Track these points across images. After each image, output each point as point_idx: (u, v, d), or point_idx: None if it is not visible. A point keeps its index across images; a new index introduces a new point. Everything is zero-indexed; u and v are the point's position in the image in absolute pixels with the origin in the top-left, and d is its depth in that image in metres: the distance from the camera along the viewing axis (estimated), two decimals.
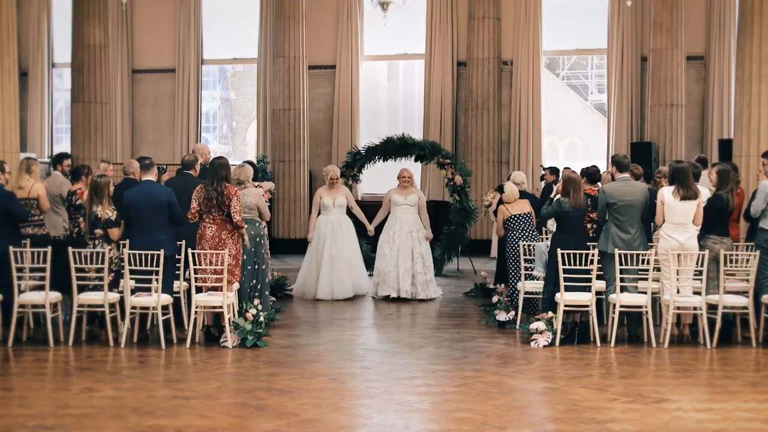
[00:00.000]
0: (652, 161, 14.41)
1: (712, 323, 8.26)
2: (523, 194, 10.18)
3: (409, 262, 11.17)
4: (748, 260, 8.31)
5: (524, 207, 9.81)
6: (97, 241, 8.39)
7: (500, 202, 10.81)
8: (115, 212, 8.39)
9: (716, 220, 8.62)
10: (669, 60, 15.25)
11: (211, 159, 9.21)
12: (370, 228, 11.70)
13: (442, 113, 17.30)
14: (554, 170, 12.90)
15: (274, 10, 17.15)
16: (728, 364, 7.57)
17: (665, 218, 8.43)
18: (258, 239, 9.32)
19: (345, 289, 11.22)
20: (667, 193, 8.43)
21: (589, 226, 9.13)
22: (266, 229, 10.97)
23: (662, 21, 15.24)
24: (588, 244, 8.76)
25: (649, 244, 8.84)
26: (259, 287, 9.37)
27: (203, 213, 8.37)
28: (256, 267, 9.31)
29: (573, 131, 26.59)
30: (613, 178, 8.91)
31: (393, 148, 13.36)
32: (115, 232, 8.38)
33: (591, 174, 9.46)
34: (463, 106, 17.26)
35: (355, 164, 13.61)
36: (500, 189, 10.16)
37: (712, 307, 8.35)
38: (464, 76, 17.19)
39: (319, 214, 11.49)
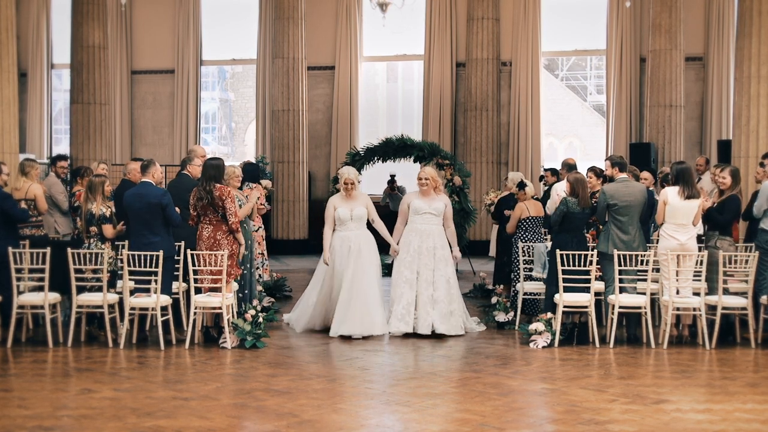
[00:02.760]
0: (651, 162, 14.42)
1: (711, 324, 8.26)
2: None
3: (430, 289, 8.79)
4: (746, 261, 8.31)
5: (540, 210, 9.74)
6: (92, 240, 8.41)
7: (500, 201, 10.77)
8: (110, 209, 8.41)
9: (731, 221, 8.64)
10: (668, 61, 15.27)
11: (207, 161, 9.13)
12: (396, 247, 9.04)
13: (441, 114, 17.31)
14: (555, 172, 12.85)
15: (273, 10, 17.17)
16: (727, 365, 7.57)
17: (666, 218, 8.44)
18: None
19: (372, 323, 8.70)
20: (671, 193, 8.44)
21: (602, 227, 9.02)
22: (263, 230, 10.94)
23: (661, 22, 15.26)
24: (588, 245, 8.77)
25: (648, 245, 8.84)
26: (246, 292, 9.31)
27: (200, 215, 8.38)
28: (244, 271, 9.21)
29: (572, 132, 26.63)
30: (611, 179, 8.88)
31: (392, 148, 13.36)
32: (108, 229, 8.38)
33: (605, 174, 9.38)
34: (462, 106, 17.27)
35: (354, 165, 13.60)
36: (522, 186, 9.93)
37: (712, 308, 8.35)
38: (463, 77, 17.20)
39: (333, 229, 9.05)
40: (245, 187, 10.11)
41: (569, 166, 10.57)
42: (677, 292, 8.32)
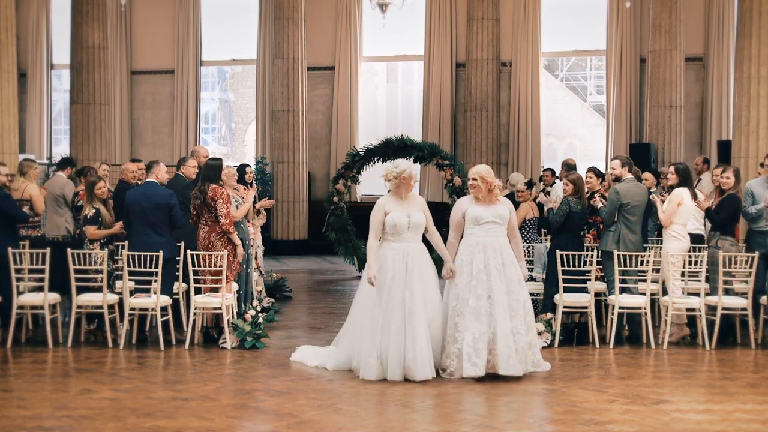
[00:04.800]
0: (651, 162, 14.42)
1: (711, 324, 8.26)
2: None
3: (507, 320, 6.90)
4: (746, 261, 8.30)
5: (537, 210, 9.73)
6: (86, 240, 8.45)
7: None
8: (94, 210, 8.40)
9: (731, 221, 8.67)
10: (668, 61, 15.27)
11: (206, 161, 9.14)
12: (452, 266, 7.08)
13: (441, 114, 17.32)
14: (555, 172, 12.83)
15: (273, 11, 17.17)
16: (727, 366, 7.56)
17: (675, 219, 8.46)
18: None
19: (429, 362, 6.88)
20: (685, 194, 8.48)
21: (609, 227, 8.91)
22: (259, 231, 10.90)
23: (661, 22, 15.26)
24: (589, 246, 8.75)
25: (645, 245, 8.84)
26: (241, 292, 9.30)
27: (199, 214, 8.41)
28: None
29: (572, 132, 26.62)
30: (618, 179, 8.83)
31: (392, 149, 13.36)
32: (90, 230, 8.38)
33: (604, 175, 9.35)
34: (462, 107, 17.27)
35: (353, 165, 13.60)
36: (530, 185, 9.85)
37: (712, 309, 8.35)
38: (463, 78, 17.20)
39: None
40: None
41: (569, 166, 10.56)
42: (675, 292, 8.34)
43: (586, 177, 9.08)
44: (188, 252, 8.24)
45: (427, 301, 6.94)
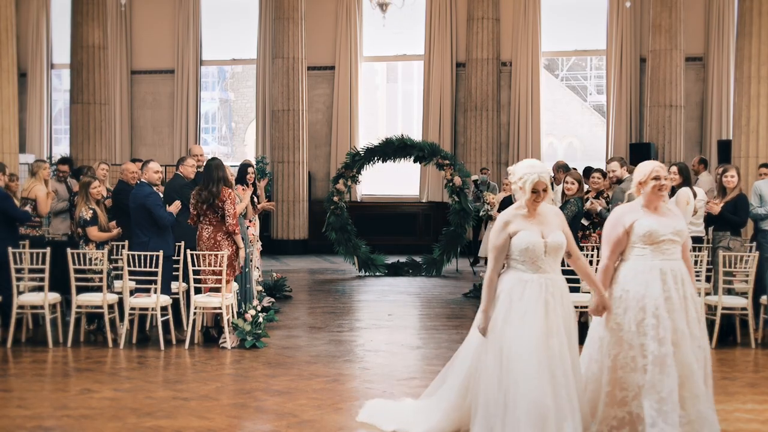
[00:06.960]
0: None
1: (711, 324, 8.25)
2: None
3: (696, 368, 5.01)
4: (746, 261, 8.29)
5: None
6: (81, 241, 8.45)
7: (503, 201, 10.77)
8: (91, 211, 8.40)
9: (746, 221, 8.69)
10: (668, 61, 15.28)
11: (204, 161, 9.12)
12: (607, 302, 5.17)
13: (441, 114, 17.33)
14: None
15: (273, 11, 17.18)
16: (727, 365, 7.57)
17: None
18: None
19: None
20: (690, 194, 8.50)
21: None
22: (256, 231, 10.91)
23: (661, 22, 15.27)
24: (592, 245, 8.74)
25: None
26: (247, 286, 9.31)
27: (200, 215, 8.38)
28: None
29: (572, 132, 26.60)
30: (620, 180, 8.81)
31: (392, 149, 13.37)
32: (92, 231, 8.38)
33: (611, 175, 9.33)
34: (462, 107, 17.28)
35: (354, 165, 13.61)
36: None
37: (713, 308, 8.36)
38: (463, 77, 17.21)
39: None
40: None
41: (565, 167, 10.56)
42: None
43: (594, 178, 9.06)
44: (188, 252, 8.25)
45: (573, 353, 4.96)
